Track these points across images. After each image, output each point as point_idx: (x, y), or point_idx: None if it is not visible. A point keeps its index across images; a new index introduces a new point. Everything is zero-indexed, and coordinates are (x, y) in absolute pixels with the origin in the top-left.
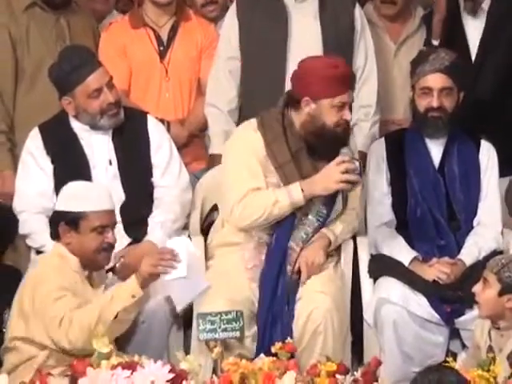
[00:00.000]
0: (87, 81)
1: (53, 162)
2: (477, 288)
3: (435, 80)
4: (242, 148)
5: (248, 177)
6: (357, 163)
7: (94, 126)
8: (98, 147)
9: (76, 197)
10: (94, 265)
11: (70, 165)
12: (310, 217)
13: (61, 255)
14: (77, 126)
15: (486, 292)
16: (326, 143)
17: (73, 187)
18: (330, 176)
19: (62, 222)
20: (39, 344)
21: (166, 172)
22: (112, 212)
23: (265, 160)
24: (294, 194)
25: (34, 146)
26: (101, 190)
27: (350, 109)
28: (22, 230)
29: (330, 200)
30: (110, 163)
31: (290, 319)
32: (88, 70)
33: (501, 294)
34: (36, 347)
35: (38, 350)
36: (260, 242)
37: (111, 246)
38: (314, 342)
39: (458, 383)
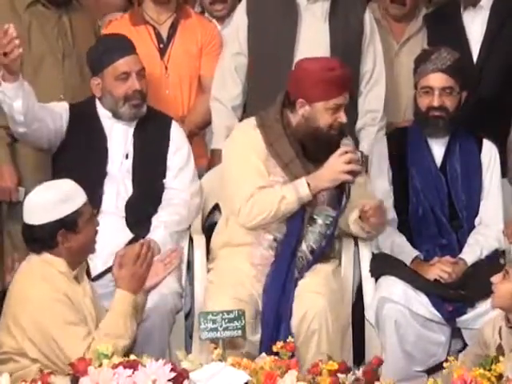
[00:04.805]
0: (117, 63)
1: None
2: (496, 278)
3: (436, 79)
4: (244, 147)
5: (253, 175)
6: (358, 153)
7: (116, 114)
8: (118, 138)
9: (63, 200)
10: (87, 255)
11: (88, 151)
12: (319, 221)
13: (46, 262)
14: (102, 114)
15: (506, 284)
16: (319, 145)
17: (53, 195)
18: (334, 167)
19: (61, 230)
20: (32, 358)
21: (178, 175)
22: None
23: (266, 159)
24: (301, 189)
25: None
26: (71, 184)
27: (346, 110)
28: None
29: (335, 201)
30: (127, 157)
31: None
32: (120, 52)
33: None
34: (29, 360)
35: (31, 363)
36: (272, 242)
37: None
38: (309, 341)
39: None
